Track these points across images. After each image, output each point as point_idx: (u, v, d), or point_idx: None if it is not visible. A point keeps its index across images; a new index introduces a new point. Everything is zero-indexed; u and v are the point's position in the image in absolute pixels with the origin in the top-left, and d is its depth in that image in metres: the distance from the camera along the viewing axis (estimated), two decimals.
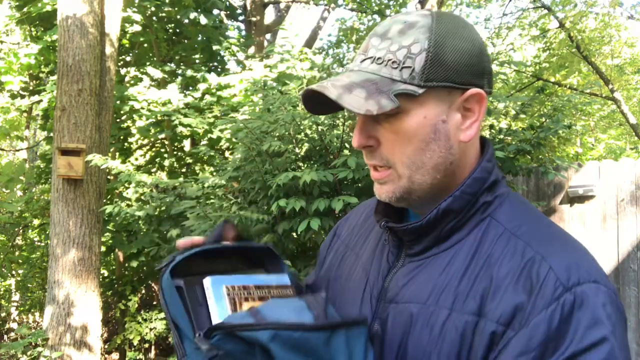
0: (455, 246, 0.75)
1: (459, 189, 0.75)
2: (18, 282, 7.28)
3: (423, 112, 0.73)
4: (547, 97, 4.11)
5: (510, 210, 0.76)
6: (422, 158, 0.74)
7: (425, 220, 0.75)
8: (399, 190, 0.76)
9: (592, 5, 7.33)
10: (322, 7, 9.70)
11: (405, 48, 0.72)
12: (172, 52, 6.83)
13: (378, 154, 0.76)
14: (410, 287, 0.75)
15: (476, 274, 0.70)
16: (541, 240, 0.71)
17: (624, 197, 3.99)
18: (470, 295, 0.69)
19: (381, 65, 0.72)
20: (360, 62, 0.75)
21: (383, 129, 0.74)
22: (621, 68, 11.21)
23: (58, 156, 4.30)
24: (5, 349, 4.32)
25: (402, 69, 0.71)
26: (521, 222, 0.74)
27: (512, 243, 0.71)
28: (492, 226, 0.74)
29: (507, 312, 0.65)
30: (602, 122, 11.69)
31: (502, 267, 0.69)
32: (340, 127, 3.17)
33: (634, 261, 3.93)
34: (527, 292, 0.65)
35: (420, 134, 0.73)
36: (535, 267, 0.67)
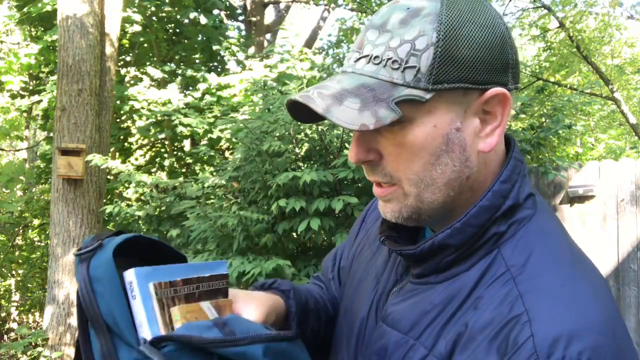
0: (454, 279, 0.64)
1: (460, 220, 0.63)
2: (18, 282, 7.28)
3: (432, 120, 0.61)
4: (547, 97, 4.11)
5: (524, 242, 0.63)
6: (432, 174, 0.62)
7: (417, 250, 0.65)
8: (405, 209, 0.65)
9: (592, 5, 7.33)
10: (322, 7, 9.70)
11: (409, 43, 0.59)
12: (172, 52, 6.84)
13: (380, 170, 0.65)
14: (396, 310, 0.69)
15: (459, 316, 0.61)
16: (541, 293, 0.57)
17: (624, 197, 4.00)
18: (444, 340, 0.60)
19: (379, 66, 0.60)
20: (354, 62, 0.62)
21: (385, 140, 0.63)
22: (621, 68, 11.21)
23: (58, 156, 4.30)
24: (5, 349, 4.32)
25: (405, 69, 0.59)
26: (529, 261, 0.61)
27: (507, 289, 0.59)
28: (496, 262, 0.62)
29: None
30: (602, 122, 11.69)
31: (484, 316, 0.58)
32: (340, 127, 3.16)
33: (634, 261, 3.93)
34: (499, 355, 0.54)
35: (430, 146, 0.61)
36: (517, 328, 0.55)
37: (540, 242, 0.63)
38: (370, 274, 0.80)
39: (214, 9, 6.89)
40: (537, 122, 3.59)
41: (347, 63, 0.64)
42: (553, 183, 4.15)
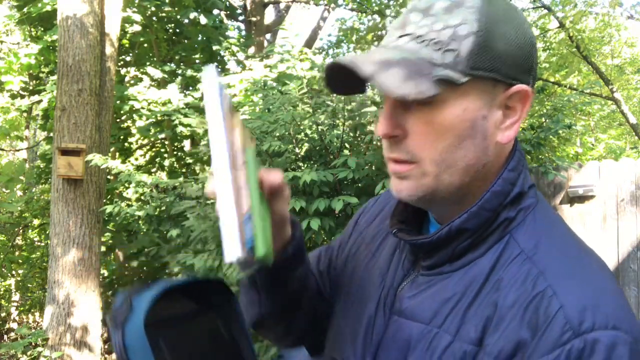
0: (469, 266, 0.67)
1: (476, 204, 0.66)
2: (18, 282, 7.28)
3: (463, 104, 0.63)
4: (547, 97, 4.11)
5: (533, 227, 0.67)
6: (454, 156, 0.65)
7: (435, 237, 0.67)
8: (422, 189, 0.66)
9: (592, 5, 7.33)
10: (322, 7, 9.70)
11: (452, 28, 0.62)
12: (172, 52, 6.84)
13: (403, 147, 0.66)
14: (414, 302, 0.69)
15: (482, 299, 0.63)
16: (558, 270, 0.61)
17: (624, 197, 3.99)
18: (474, 323, 0.62)
19: (421, 45, 0.62)
20: (396, 39, 0.65)
21: (414, 117, 0.65)
22: (621, 68, 11.21)
23: (58, 156, 4.30)
24: (5, 349, 4.33)
25: (446, 51, 0.62)
26: (540, 244, 0.65)
27: (526, 268, 0.62)
28: (510, 246, 0.66)
29: (507, 350, 0.58)
30: (602, 122, 11.69)
31: (509, 295, 0.61)
32: (340, 127, 3.17)
33: (634, 261, 3.93)
34: (531, 330, 0.57)
35: (457, 128, 0.64)
36: (544, 303, 0.58)
37: (549, 227, 0.68)
38: (373, 272, 0.79)
39: (214, 9, 6.89)
40: (537, 122, 3.58)
41: (388, 39, 0.66)
42: (553, 183, 4.15)
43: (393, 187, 0.69)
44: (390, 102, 0.66)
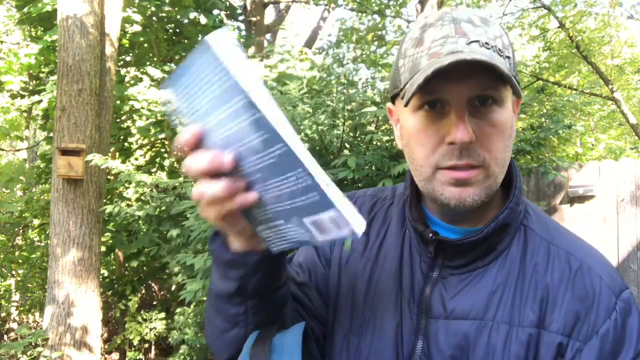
0: (500, 258, 0.72)
1: (512, 201, 0.72)
2: (18, 282, 7.28)
3: (509, 106, 0.69)
4: (547, 97, 4.11)
5: (537, 218, 0.76)
6: (506, 155, 0.69)
7: (483, 233, 0.70)
8: (485, 192, 0.68)
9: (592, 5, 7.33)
10: (322, 7, 9.70)
11: (499, 38, 0.67)
12: (172, 52, 6.84)
13: (474, 151, 0.66)
14: (459, 302, 0.70)
15: (527, 285, 0.69)
16: (579, 249, 0.72)
17: (624, 197, 4.00)
18: (528, 307, 0.68)
19: (491, 51, 0.65)
20: (467, 44, 0.65)
21: (481, 121, 0.66)
22: (621, 68, 11.21)
23: (58, 156, 4.30)
24: (5, 349, 4.32)
25: (505, 57, 0.66)
26: (551, 230, 0.75)
27: (554, 252, 0.71)
28: (530, 235, 0.73)
29: (568, 323, 0.66)
30: (602, 122, 11.69)
31: (554, 276, 0.69)
32: (340, 127, 3.17)
33: (634, 261, 3.93)
34: (583, 302, 0.67)
35: (508, 129, 0.68)
36: (586, 276, 0.68)
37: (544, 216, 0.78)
38: (384, 282, 0.77)
39: (214, 9, 6.89)
40: (537, 122, 3.58)
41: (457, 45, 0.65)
42: (553, 183, 4.15)
43: (453, 195, 0.68)
44: (463, 107, 0.65)
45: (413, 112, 0.69)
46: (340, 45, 10.55)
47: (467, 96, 0.65)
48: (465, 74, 0.64)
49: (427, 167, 0.69)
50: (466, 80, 0.64)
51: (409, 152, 0.73)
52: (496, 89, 0.66)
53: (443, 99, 0.66)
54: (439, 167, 0.68)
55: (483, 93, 0.66)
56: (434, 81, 0.63)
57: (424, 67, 0.65)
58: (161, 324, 5.25)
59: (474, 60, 0.61)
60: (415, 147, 0.70)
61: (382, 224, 0.84)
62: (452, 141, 0.66)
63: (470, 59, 0.61)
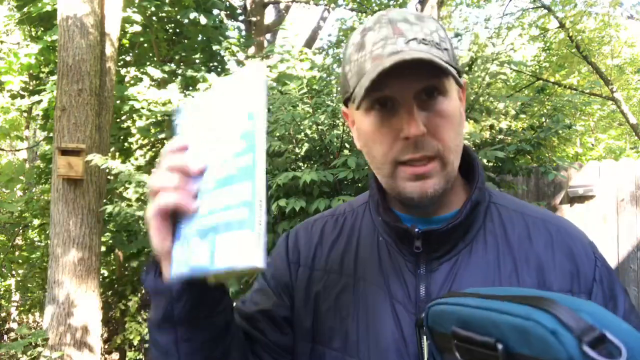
0: (479, 235, 0.75)
1: (478, 180, 0.76)
2: (18, 282, 7.27)
3: (454, 95, 0.73)
4: (546, 97, 4.11)
5: (501, 196, 0.82)
6: (458, 142, 0.73)
7: (463, 215, 0.73)
8: (443, 180, 0.72)
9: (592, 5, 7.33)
10: (322, 7, 9.70)
11: (436, 33, 0.70)
12: (172, 52, 6.83)
13: (427, 143, 0.70)
14: (457, 286, 0.72)
15: (517, 254, 0.73)
16: (549, 215, 0.78)
17: (624, 197, 4.00)
18: (525, 274, 0.72)
19: (429, 46, 0.68)
20: (405, 44, 0.68)
21: (429, 113, 0.70)
22: (621, 68, 11.21)
23: (58, 156, 4.30)
24: (5, 349, 4.32)
25: (443, 50, 0.70)
26: (519, 203, 0.80)
27: (531, 221, 0.76)
28: (502, 210, 0.78)
29: (566, 280, 0.71)
30: (602, 122, 11.68)
31: (539, 242, 0.74)
32: (340, 127, 3.17)
33: (634, 261, 3.94)
34: (570, 259, 0.72)
35: (456, 116, 0.72)
36: (565, 237, 0.75)
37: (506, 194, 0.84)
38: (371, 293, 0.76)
39: (214, 9, 6.89)
40: (537, 122, 3.58)
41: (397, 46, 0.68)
42: (553, 183, 4.15)
43: (415, 189, 0.71)
44: (411, 102, 0.69)
45: (366, 113, 0.73)
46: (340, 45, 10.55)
47: (413, 91, 0.69)
48: (409, 72, 0.67)
49: (387, 164, 0.72)
50: (410, 76, 0.68)
51: (368, 152, 0.76)
52: (438, 79, 0.69)
53: (391, 97, 0.69)
54: (398, 161, 0.71)
55: (427, 84, 0.69)
56: (380, 81, 0.66)
57: (368, 70, 0.68)
58: None
59: (414, 59, 0.64)
60: (373, 146, 0.73)
61: (349, 238, 0.83)
62: (405, 136, 0.69)
63: (410, 58, 0.64)
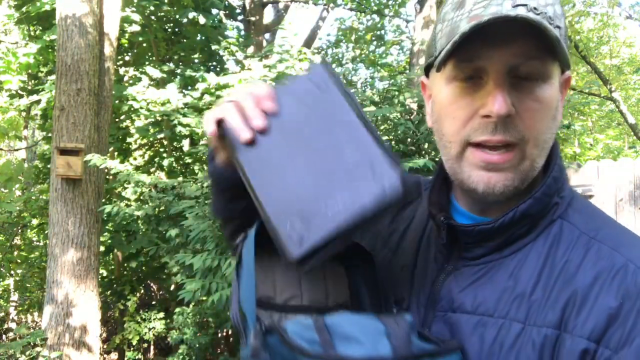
0: (521, 251, 0.64)
1: (539, 190, 0.63)
2: (17, 282, 7.26)
3: (556, 82, 0.61)
4: None
5: (583, 211, 0.66)
6: (547, 137, 0.62)
7: (498, 223, 0.63)
8: (518, 177, 0.62)
9: (591, 4, 7.34)
10: (321, 6, 9.69)
11: (551, 6, 0.58)
12: (171, 52, 6.83)
13: (513, 127, 0.60)
14: (469, 295, 0.64)
15: (553, 283, 0.60)
16: (629, 246, 0.61)
17: (623, 197, 4.00)
18: (548, 306, 0.59)
19: (540, 17, 0.56)
20: (512, 7, 0.57)
21: (523, 95, 0.60)
22: (619, 68, 11.22)
23: (57, 156, 4.30)
24: (4, 348, 4.32)
25: (555, 27, 0.57)
26: (598, 225, 0.64)
27: (595, 248, 0.61)
28: (566, 229, 0.64)
29: (598, 327, 0.55)
30: (601, 122, 11.70)
31: (587, 275, 0.59)
32: None
33: None
34: (621, 304, 0.55)
35: (553, 107, 0.61)
36: (630, 276, 0.57)
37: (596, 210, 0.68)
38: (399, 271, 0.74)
39: (212, 8, 6.89)
40: None
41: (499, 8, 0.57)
42: None
43: (481, 179, 0.62)
44: (502, 77, 0.59)
45: (447, 83, 0.63)
46: (339, 45, 10.55)
47: (508, 64, 0.59)
48: (508, 38, 0.57)
49: (456, 143, 0.63)
50: (508, 45, 0.58)
51: (438, 128, 0.67)
52: (541, 60, 0.59)
53: (481, 67, 0.60)
54: (469, 142, 0.62)
55: (526, 62, 0.58)
56: (473, 47, 0.57)
57: (462, 30, 0.57)
58: (160, 323, 5.25)
59: (519, 17, 0.54)
60: (445, 121, 0.64)
61: (410, 213, 0.79)
62: (487, 114, 0.59)
63: (514, 15, 0.54)
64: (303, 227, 0.54)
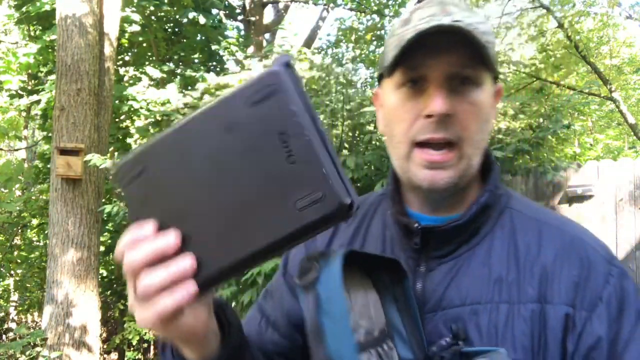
0: (485, 240, 0.72)
1: (491, 184, 0.73)
2: (17, 282, 7.27)
3: (488, 89, 0.71)
4: (545, 97, 4.11)
5: (521, 200, 0.78)
6: (481, 137, 0.71)
7: (467, 216, 0.71)
8: (457, 174, 0.69)
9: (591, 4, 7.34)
10: (321, 6, 9.69)
11: (483, 24, 0.68)
12: (171, 52, 6.83)
13: (452, 127, 0.68)
14: (453, 290, 0.70)
15: (523, 263, 0.69)
16: (569, 224, 0.74)
17: (623, 197, 4.00)
18: (526, 284, 0.68)
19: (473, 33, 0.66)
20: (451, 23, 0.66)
21: (460, 98, 0.68)
22: (619, 68, 11.23)
23: (57, 156, 4.30)
24: (4, 348, 4.32)
25: (486, 43, 0.67)
26: (536, 209, 0.76)
27: (545, 229, 0.72)
28: (516, 216, 0.74)
29: (569, 293, 0.66)
30: (601, 122, 11.71)
31: (549, 253, 0.69)
32: (339, 127, 3.17)
33: (632, 261, 3.94)
34: (580, 271, 0.67)
35: (485, 111, 0.70)
36: (580, 248, 0.69)
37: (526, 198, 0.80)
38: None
39: (212, 8, 6.89)
40: (536, 122, 3.59)
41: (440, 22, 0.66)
42: (552, 183, 4.15)
43: (426, 177, 0.70)
44: (442, 81, 0.68)
45: (396, 89, 0.72)
46: (339, 45, 10.55)
47: (446, 71, 0.67)
48: (446, 49, 0.66)
49: (404, 143, 0.71)
50: (446, 55, 0.67)
51: (389, 132, 0.74)
52: (474, 68, 0.68)
53: (423, 74, 0.68)
54: (415, 141, 0.69)
55: (462, 71, 0.68)
56: (416, 57, 0.67)
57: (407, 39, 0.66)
58: None
59: (453, 25, 0.63)
60: (395, 123, 0.72)
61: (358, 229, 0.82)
62: (428, 113, 0.67)
63: (449, 23, 0.63)
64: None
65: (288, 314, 0.81)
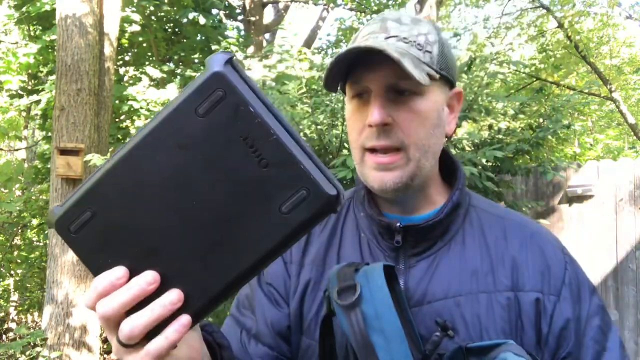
0: (457, 236, 0.79)
1: (460, 183, 0.80)
2: (17, 282, 7.26)
3: (433, 97, 0.75)
4: (545, 97, 4.11)
5: (482, 199, 0.86)
6: (430, 142, 0.76)
7: (444, 213, 0.77)
8: (406, 175, 0.75)
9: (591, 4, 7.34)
10: (321, 6, 9.69)
11: (424, 35, 0.74)
12: (171, 52, 6.83)
13: (393, 134, 0.74)
14: (435, 284, 0.75)
15: (495, 256, 0.77)
16: (525, 220, 0.83)
17: (623, 197, 4.00)
18: (500, 275, 0.75)
19: (409, 45, 0.73)
20: (384, 39, 0.74)
21: (400, 108, 0.74)
22: (619, 68, 11.22)
23: (57, 156, 4.30)
24: (4, 348, 4.32)
25: (425, 52, 0.73)
26: (496, 207, 0.85)
27: (508, 225, 0.80)
28: (481, 214, 0.82)
29: (537, 281, 0.75)
30: (601, 122, 11.71)
31: (515, 245, 0.78)
32: (339, 126, 3.17)
33: (633, 261, 3.94)
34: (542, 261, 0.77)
35: (431, 117, 0.75)
36: (538, 241, 0.79)
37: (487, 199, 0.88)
38: None
39: (212, 8, 6.89)
40: (536, 122, 3.59)
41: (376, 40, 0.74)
42: (552, 183, 4.15)
43: (375, 179, 0.75)
44: (381, 93, 0.74)
45: (349, 101, 0.79)
46: (339, 45, 10.55)
47: (383, 84, 0.73)
48: (383, 63, 0.71)
49: (357, 149, 0.77)
50: (381, 69, 0.72)
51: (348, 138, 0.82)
52: (410, 80, 0.71)
53: (365, 87, 0.75)
54: (364, 147, 0.76)
55: (398, 82, 0.73)
56: (359, 72, 0.74)
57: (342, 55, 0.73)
58: None
59: (367, 47, 0.69)
60: (350, 131, 0.79)
61: (333, 234, 0.84)
62: (369, 123, 0.73)
63: (363, 46, 0.70)
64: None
65: (272, 324, 0.81)
